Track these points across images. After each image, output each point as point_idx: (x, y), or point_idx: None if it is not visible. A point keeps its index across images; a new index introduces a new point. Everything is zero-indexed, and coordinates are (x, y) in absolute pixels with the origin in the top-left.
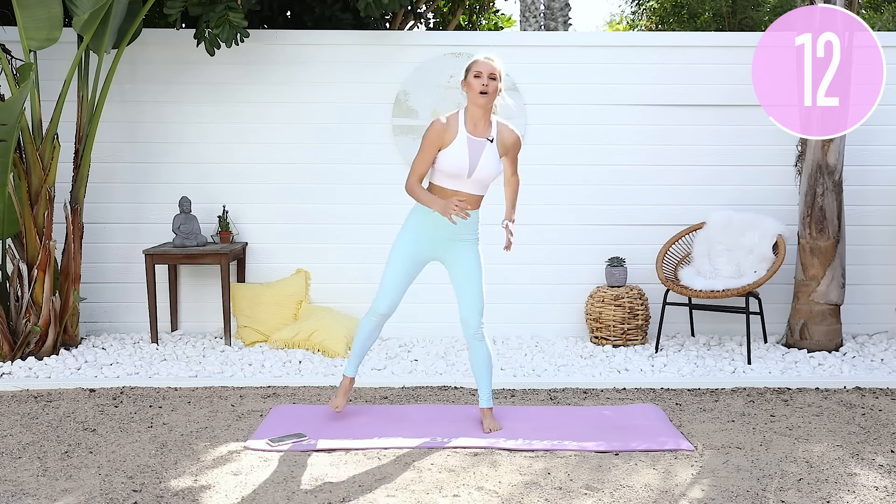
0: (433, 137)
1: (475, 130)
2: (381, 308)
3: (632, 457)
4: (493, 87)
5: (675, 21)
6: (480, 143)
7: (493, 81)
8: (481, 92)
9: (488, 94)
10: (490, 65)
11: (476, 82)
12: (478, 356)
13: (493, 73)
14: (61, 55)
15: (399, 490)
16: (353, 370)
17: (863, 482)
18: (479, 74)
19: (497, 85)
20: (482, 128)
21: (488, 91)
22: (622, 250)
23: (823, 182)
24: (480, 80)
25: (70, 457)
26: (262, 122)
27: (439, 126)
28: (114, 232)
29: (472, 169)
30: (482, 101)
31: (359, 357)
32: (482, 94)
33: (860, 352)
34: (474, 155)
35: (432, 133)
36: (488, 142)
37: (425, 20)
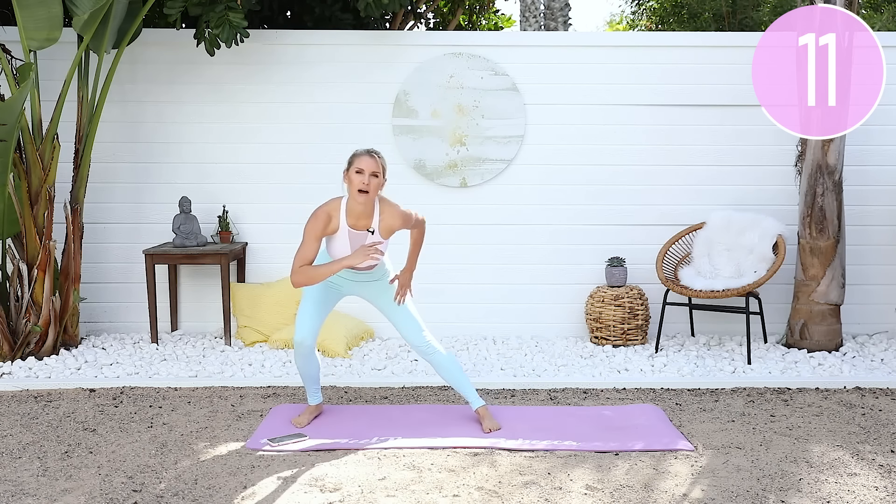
0: (316, 231)
1: (356, 224)
2: (297, 337)
3: (632, 457)
4: (375, 185)
5: (675, 21)
6: (361, 236)
7: (375, 179)
8: (360, 190)
9: (368, 192)
10: (373, 161)
11: (357, 178)
12: (441, 367)
13: (374, 171)
14: (61, 55)
15: (399, 490)
16: (316, 397)
17: (863, 482)
18: (361, 171)
19: (379, 181)
20: (363, 220)
21: (369, 190)
22: (622, 250)
23: (823, 182)
24: (362, 176)
25: (70, 457)
26: (263, 122)
27: (323, 220)
28: (114, 232)
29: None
30: (361, 198)
31: (312, 385)
32: (361, 192)
33: (860, 352)
34: (355, 246)
35: (314, 227)
36: (369, 233)
37: (425, 20)
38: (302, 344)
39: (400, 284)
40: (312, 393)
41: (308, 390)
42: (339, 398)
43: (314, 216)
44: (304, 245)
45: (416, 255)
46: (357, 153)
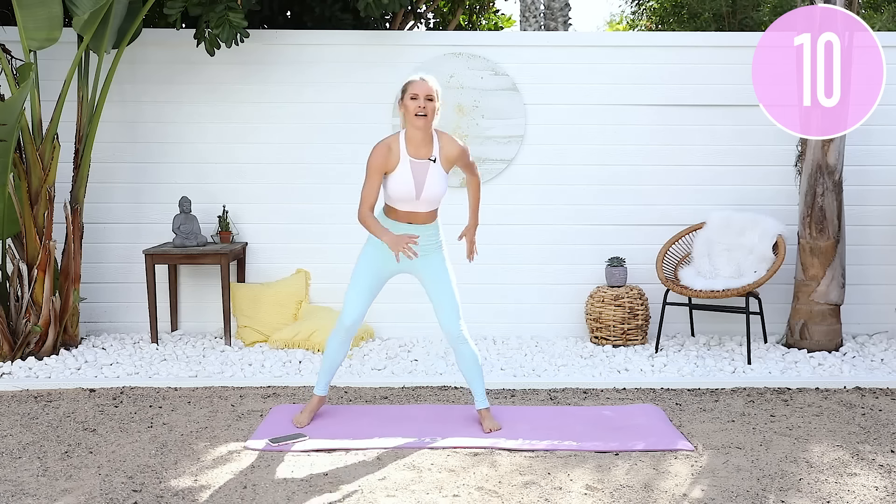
0: (377, 163)
1: (417, 153)
2: (347, 320)
3: (632, 457)
4: (431, 108)
5: (675, 21)
6: (423, 165)
7: (431, 102)
8: (417, 114)
9: (426, 115)
10: (426, 85)
11: (412, 104)
12: (464, 359)
13: (429, 95)
14: (61, 55)
15: (399, 490)
16: (324, 388)
17: (863, 482)
18: (416, 96)
19: (434, 105)
20: (424, 149)
21: (426, 112)
22: (622, 250)
23: (823, 182)
24: (417, 101)
25: (70, 457)
26: (262, 122)
27: (382, 152)
28: (114, 232)
29: (420, 191)
30: (420, 123)
31: (329, 374)
32: (418, 116)
33: (860, 352)
34: (419, 177)
35: (375, 159)
36: (431, 162)
37: (425, 20)
38: (352, 328)
39: (468, 241)
40: (324, 384)
41: (321, 380)
42: (339, 398)
43: (374, 150)
44: (367, 182)
45: (477, 209)
46: (410, 80)
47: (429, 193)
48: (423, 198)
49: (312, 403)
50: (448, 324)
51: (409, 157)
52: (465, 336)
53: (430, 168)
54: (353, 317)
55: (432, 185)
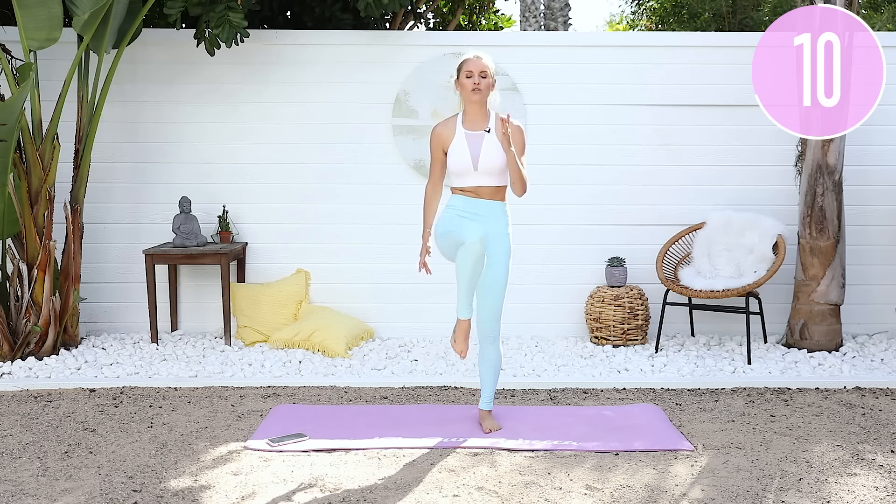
0: (434, 141)
1: (472, 126)
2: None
3: (632, 457)
4: (486, 84)
5: (675, 21)
6: (479, 136)
7: (485, 79)
8: (473, 90)
9: (481, 90)
10: (480, 62)
11: (468, 82)
12: (488, 358)
13: (483, 71)
14: (61, 55)
15: (399, 490)
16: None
17: (863, 482)
18: (471, 74)
19: (489, 81)
20: (479, 122)
21: (481, 88)
22: (622, 250)
23: (823, 182)
24: (472, 79)
25: (70, 457)
26: (262, 122)
27: (439, 129)
28: (114, 232)
29: (476, 161)
30: (476, 97)
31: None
32: (474, 91)
33: (860, 352)
34: (474, 148)
35: (433, 137)
36: (486, 133)
37: (425, 20)
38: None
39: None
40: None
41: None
42: (339, 398)
43: (433, 133)
44: (432, 163)
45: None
46: (464, 58)
47: (486, 164)
48: (480, 168)
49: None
50: (485, 321)
51: (465, 129)
52: (494, 335)
53: (486, 138)
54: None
55: (488, 155)
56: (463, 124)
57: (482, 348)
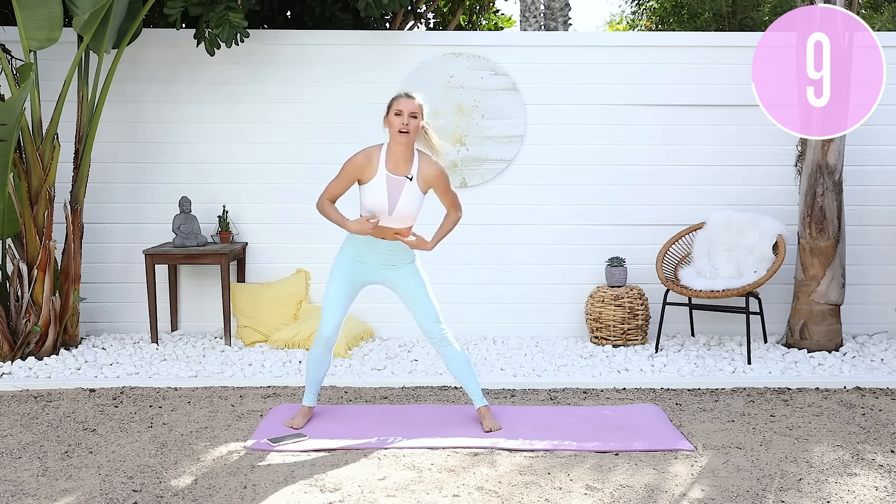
0: (351, 170)
1: (395, 168)
2: (326, 331)
3: (632, 457)
4: (414, 126)
5: (675, 21)
6: (400, 182)
7: (414, 120)
8: (401, 131)
9: (409, 133)
10: (411, 103)
11: (396, 120)
12: (452, 360)
13: (413, 112)
14: (61, 55)
15: (399, 490)
16: (312, 400)
17: (863, 482)
18: (400, 112)
19: (418, 123)
20: (402, 166)
21: (409, 130)
22: (622, 250)
23: (823, 182)
24: (401, 118)
25: (70, 457)
26: (263, 122)
27: (361, 161)
28: (114, 232)
29: (392, 207)
30: (402, 139)
31: (315, 385)
32: (401, 132)
33: (860, 352)
34: (393, 193)
35: (351, 165)
36: (407, 180)
37: (425, 20)
38: (329, 339)
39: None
40: (312, 394)
41: (309, 391)
42: (339, 398)
43: (355, 155)
44: (337, 180)
45: (442, 234)
46: (396, 96)
47: (401, 210)
48: (395, 214)
49: (303, 412)
50: (430, 328)
51: (387, 171)
52: (448, 338)
53: (406, 185)
54: (332, 327)
55: (405, 203)
56: (386, 164)
57: (443, 356)
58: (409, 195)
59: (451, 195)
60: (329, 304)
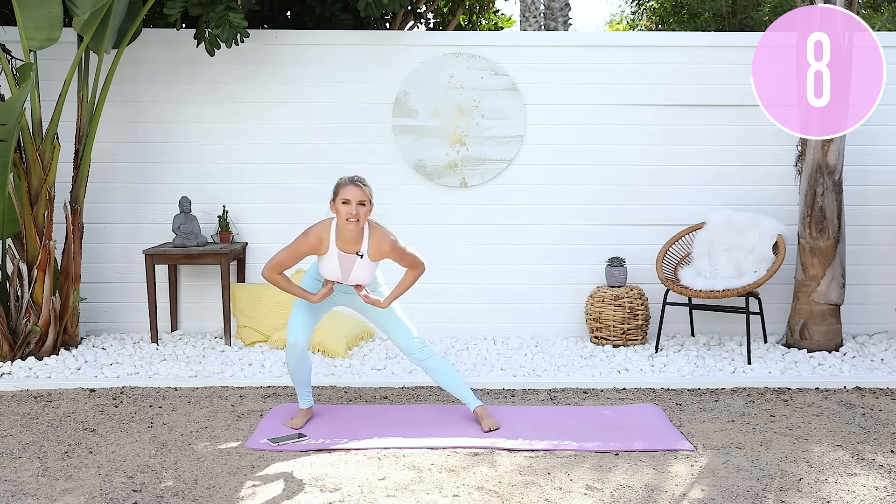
0: (304, 248)
1: (345, 247)
2: (291, 339)
3: (632, 457)
4: (364, 213)
5: (675, 21)
6: (350, 259)
7: (363, 207)
8: (348, 219)
9: (358, 220)
10: (359, 192)
11: (344, 209)
12: (437, 371)
13: (361, 200)
14: (61, 55)
15: (399, 490)
16: (308, 401)
17: (863, 482)
18: (348, 202)
19: (367, 209)
20: (352, 244)
21: (358, 217)
22: (622, 250)
23: (823, 182)
24: (349, 207)
25: (70, 457)
26: (263, 122)
27: (314, 241)
28: (114, 232)
29: (346, 277)
30: (351, 226)
31: (304, 386)
32: (349, 221)
33: (860, 352)
34: (346, 268)
35: (304, 244)
36: (358, 257)
37: (425, 20)
38: (295, 345)
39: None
40: (304, 396)
41: (299, 394)
42: (339, 398)
43: (304, 235)
44: (287, 253)
45: (399, 293)
46: (341, 183)
47: (355, 279)
48: (350, 281)
49: (301, 413)
50: (406, 344)
51: (338, 249)
52: (427, 349)
53: (357, 262)
54: (296, 336)
55: (358, 275)
56: (336, 243)
57: (426, 368)
58: (361, 268)
59: (408, 258)
60: (296, 317)
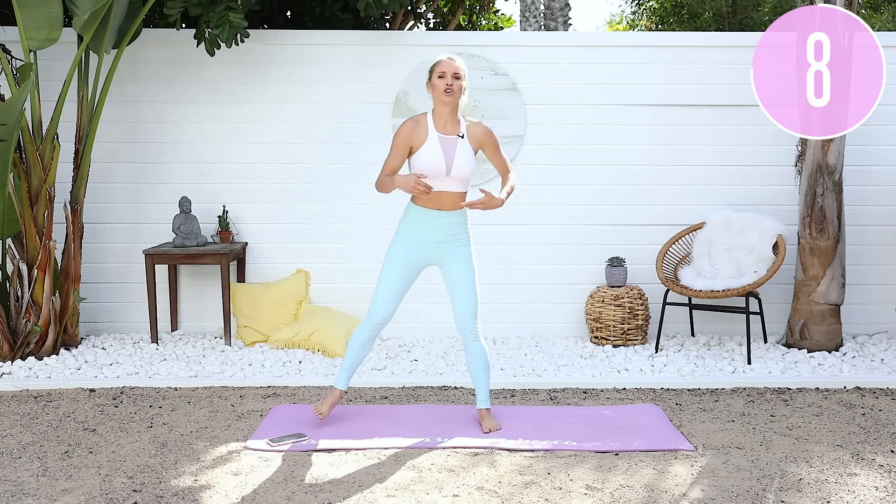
0: (404, 137)
1: (445, 129)
2: (378, 317)
3: (632, 457)
4: (458, 86)
5: (675, 21)
6: (452, 141)
7: (458, 81)
8: (446, 91)
9: (454, 92)
10: (453, 64)
11: (440, 82)
12: (474, 356)
13: (456, 73)
14: (61, 55)
15: (399, 490)
16: (345, 383)
17: (863, 482)
18: (443, 74)
19: (461, 84)
20: (451, 126)
21: (454, 90)
22: (622, 250)
23: (823, 182)
24: (444, 79)
25: (70, 457)
26: (262, 122)
27: (410, 126)
28: (114, 232)
29: (450, 167)
30: (448, 99)
31: (351, 369)
32: (447, 92)
33: (860, 352)
34: (448, 153)
35: (403, 133)
36: (459, 138)
37: (425, 20)
38: (382, 324)
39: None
40: (345, 379)
41: (344, 373)
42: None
43: (403, 124)
44: (391, 154)
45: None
46: (437, 59)
47: (458, 169)
48: (453, 173)
49: (334, 397)
50: (464, 320)
51: (438, 132)
52: (477, 333)
53: (459, 143)
54: (385, 313)
55: (461, 161)
56: (435, 126)
57: (467, 349)
58: (464, 153)
59: (501, 155)
60: (384, 289)
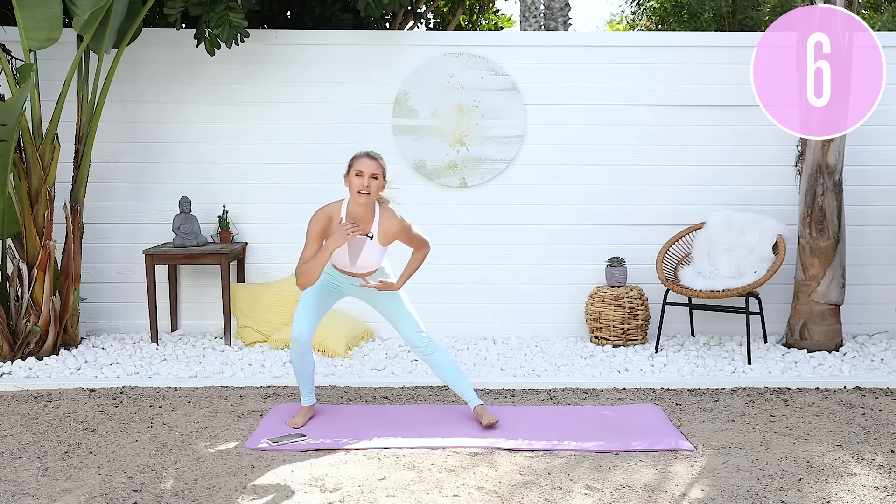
0: (316, 230)
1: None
2: (295, 332)
3: (632, 457)
4: (375, 187)
5: (675, 21)
6: (360, 240)
7: (375, 181)
8: (360, 192)
9: (369, 194)
10: (372, 164)
11: (357, 181)
12: (441, 366)
13: (374, 173)
14: (61, 55)
15: (399, 490)
16: (310, 398)
17: (863, 482)
18: (361, 173)
19: (380, 183)
20: (363, 224)
21: (370, 192)
22: (622, 250)
23: (823, 182)
24: (361, 179)
25: (70, 457)
26: (263, 122)
27: (323, 220)
28: (114, 232)
29: (354, 263)
30: (362, 200)
31: (307, 383)
32: (361, 193)
33: (860, 352)
34: (354, 249)
35: (316, 227)
36: (368, 238)
37: (425, 20)
38: (299, 339)
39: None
40: (306, 393)
41: (302, 390)
42: (339, 398)
43: (314, 217)
44: (306, 247)
45: (409, 274)
46: (356, 155)
47: (363, 264)
48: (357, 267)
49: (304, 410)
50: (412, 337)
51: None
52: (433, 344)
53: (367, 244)
54: (301, 329)
55: (366, 258)
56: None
57: (430, 363)
58: (370, 251)
59: (416, 239)
60: (302, 310)
